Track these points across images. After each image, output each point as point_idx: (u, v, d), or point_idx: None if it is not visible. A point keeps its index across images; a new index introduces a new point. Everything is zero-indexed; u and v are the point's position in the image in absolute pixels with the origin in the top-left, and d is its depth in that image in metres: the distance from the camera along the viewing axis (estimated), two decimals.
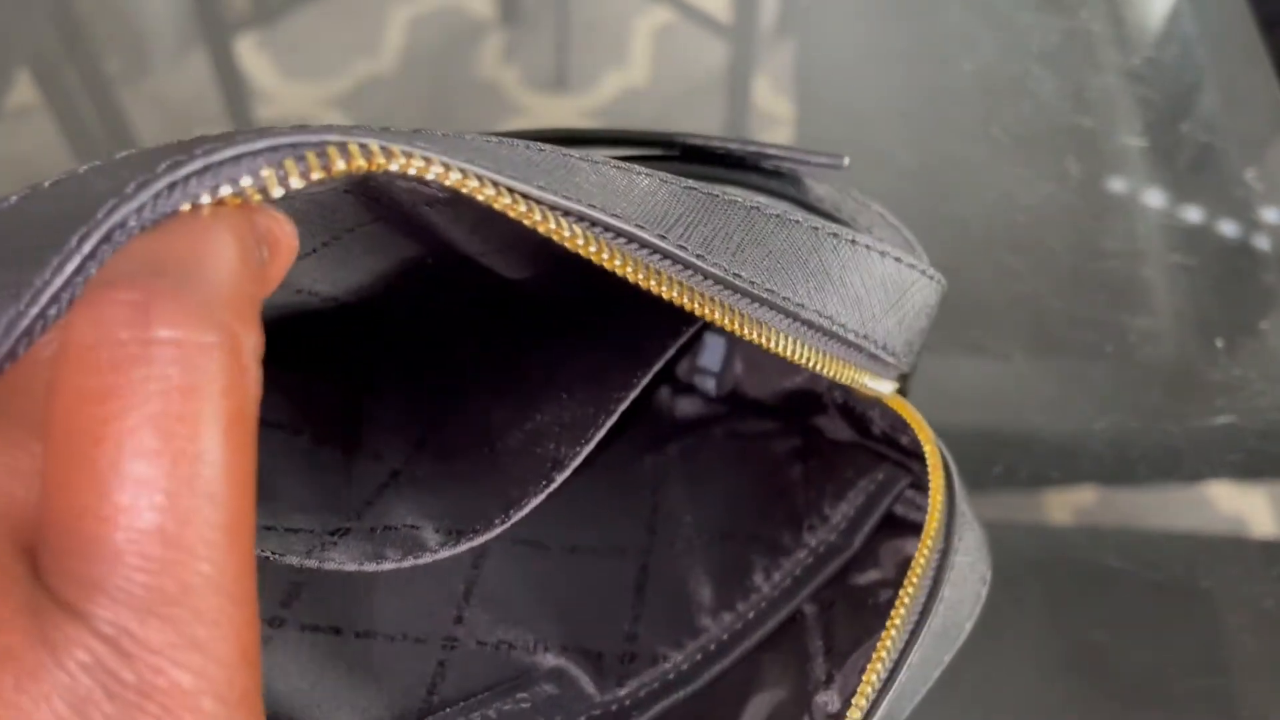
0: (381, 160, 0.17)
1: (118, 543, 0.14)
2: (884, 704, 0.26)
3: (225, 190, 0.16)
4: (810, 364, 0.25)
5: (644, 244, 0.22)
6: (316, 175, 0.17)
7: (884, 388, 0.28)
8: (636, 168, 0.23)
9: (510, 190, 0.20)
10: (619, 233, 0.21)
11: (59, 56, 0.63)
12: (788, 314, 0.24)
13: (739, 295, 0.23)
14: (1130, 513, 0.44)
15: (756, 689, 0.30)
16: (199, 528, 0.14)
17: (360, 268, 0.27)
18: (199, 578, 0.14)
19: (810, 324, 0.25)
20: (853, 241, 0.25)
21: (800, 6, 0.62)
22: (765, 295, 0.24)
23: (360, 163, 0.17)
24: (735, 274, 0.23)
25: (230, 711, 0.15)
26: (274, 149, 0.16)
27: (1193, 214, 0.52)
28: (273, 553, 0.25)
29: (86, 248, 0.15)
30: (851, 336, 0.25)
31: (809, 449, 0.37)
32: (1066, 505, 0.44)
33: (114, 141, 0.61)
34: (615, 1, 0.67)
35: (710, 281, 0.23)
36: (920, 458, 0.30)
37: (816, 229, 0.25)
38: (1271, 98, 0.56)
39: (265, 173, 0.16)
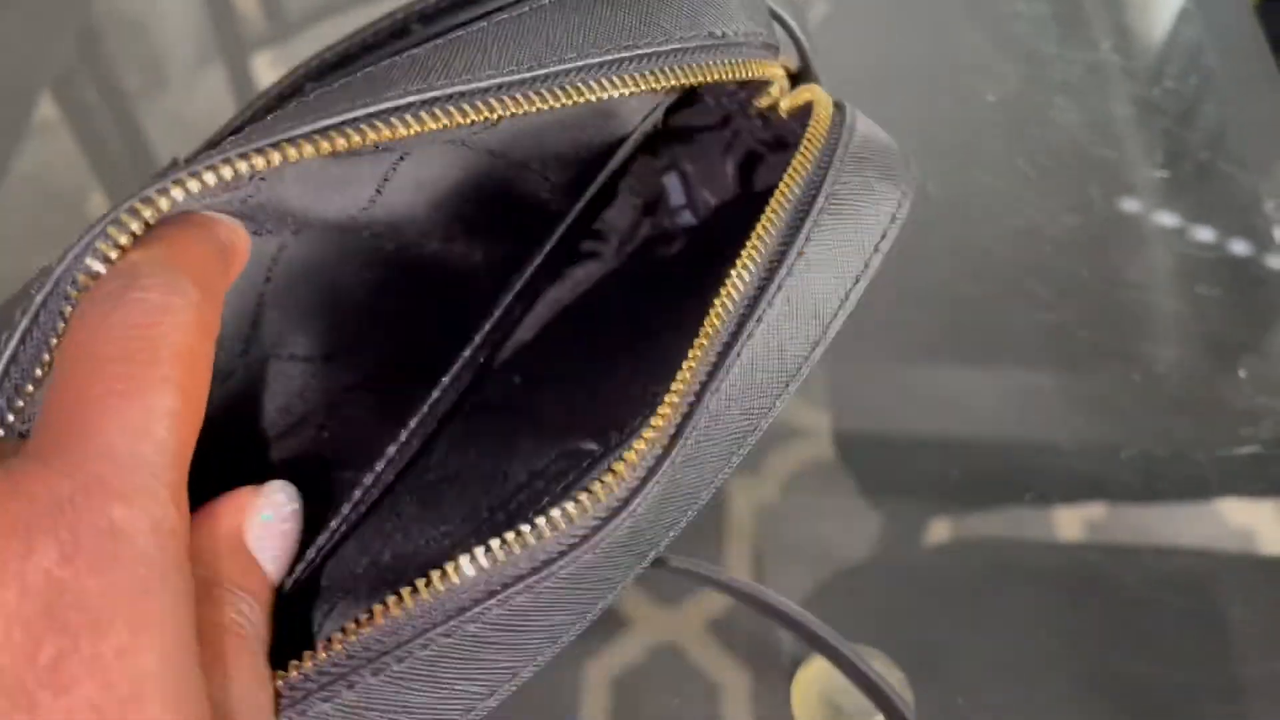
0: (177, 195, 0.22)
1: (96, 413, 0.19)
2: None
3: (70, 291, 0.21)
4: (716, 77, 0.27)
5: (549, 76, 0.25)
6: (136, 229, 0.22)
7: (775, 69, 0.29)
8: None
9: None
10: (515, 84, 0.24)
11: (80, 74, 0.63)
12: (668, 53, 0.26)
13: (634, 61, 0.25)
14: (1147, 531, 0.45)
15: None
16: (154, 412, 0.20)
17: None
18: (146, 440, 0.20)
19: (682, 48, 0.26)
20: None
21: (820, 39, 0.63)
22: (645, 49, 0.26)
23: (165, 204, 0.22)
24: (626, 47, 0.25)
25: (162, 537, 0.19)
26: (85, 246, 0.21)
27: (1215, 244, 0.53)
28: None
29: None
30: (720, 40, 0.27)
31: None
32: (1079, 521, 0.45)
33: (133, 157, 0.61)
34: None
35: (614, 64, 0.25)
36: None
37: None
38: None
39: (92, 263, 0.21)
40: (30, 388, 0.21)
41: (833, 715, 0.40)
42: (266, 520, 0.25)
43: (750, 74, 0.28)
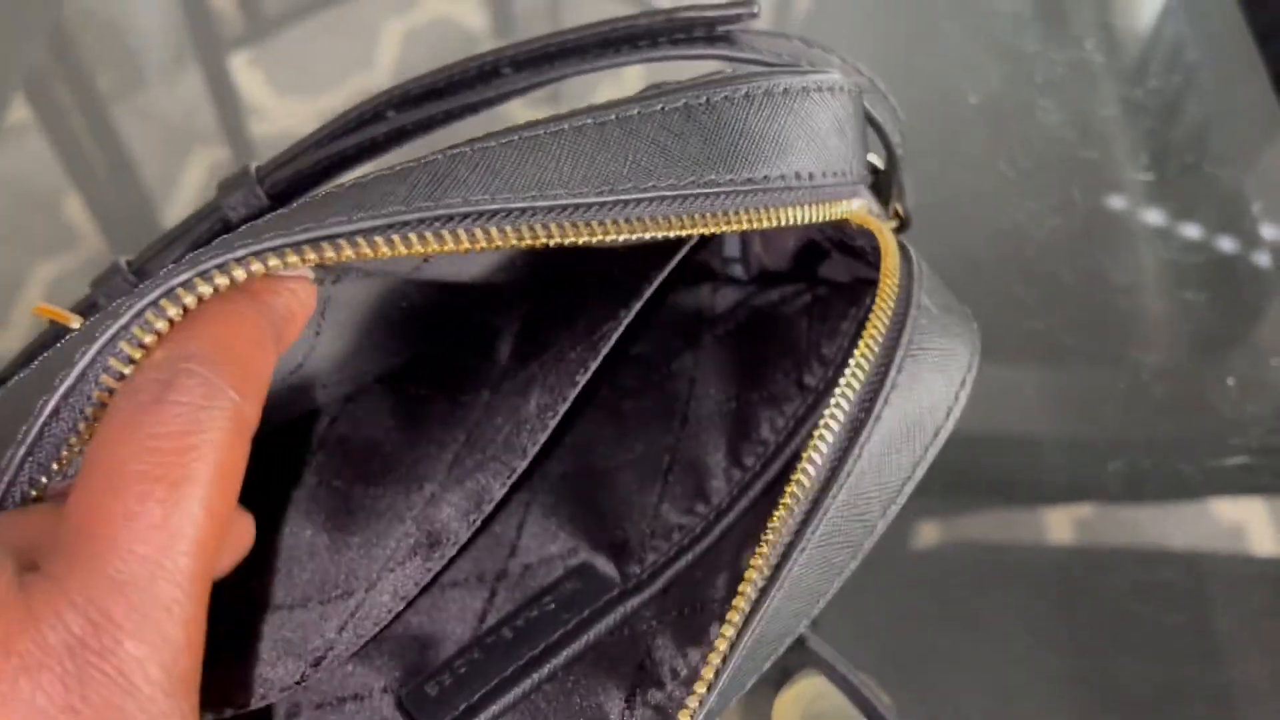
0: (221, 283, 0.21)
1: (116, 535, 0.18)
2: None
3: (123, 347, 0.20)
4: (791, 221, 0.25)
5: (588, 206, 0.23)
6: (174, 315, 0.20)
7: (854, 205, 0.27)
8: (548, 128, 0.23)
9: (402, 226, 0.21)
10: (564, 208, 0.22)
11: (52, 74, 0.62)
12: (742, 192, 0.24)
13: (676, 201, 0.24)
14: (1135, 533, 0.45)
15: (757, 534, 0.31)
16: (177, 539, 0.19)
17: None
18: (165, 573, 0.19)
19: (764, 189, 0.25)
20: (784, 91, 0.25)
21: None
22: (708, 189, 0.24)
23: (207, 291, 0.21)
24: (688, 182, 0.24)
25: (173, 684, 0.18)
26: (121, 327, 0.20)
27: (1200, 247, 0.53)
28: None
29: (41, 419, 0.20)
30: (806, 181, 0.25)
31: (815, 300, 0.37)
32: (1067, 523, 0.45)
33: (107, 158, 0.61)
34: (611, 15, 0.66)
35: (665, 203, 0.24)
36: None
37: (729, 97, 0.24)
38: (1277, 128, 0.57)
39: (139, 333, 0.20)
40: (55, 467, 0.21)
41: None
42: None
43: (829, 215, 0.26)
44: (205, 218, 0.29)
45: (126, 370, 0.20)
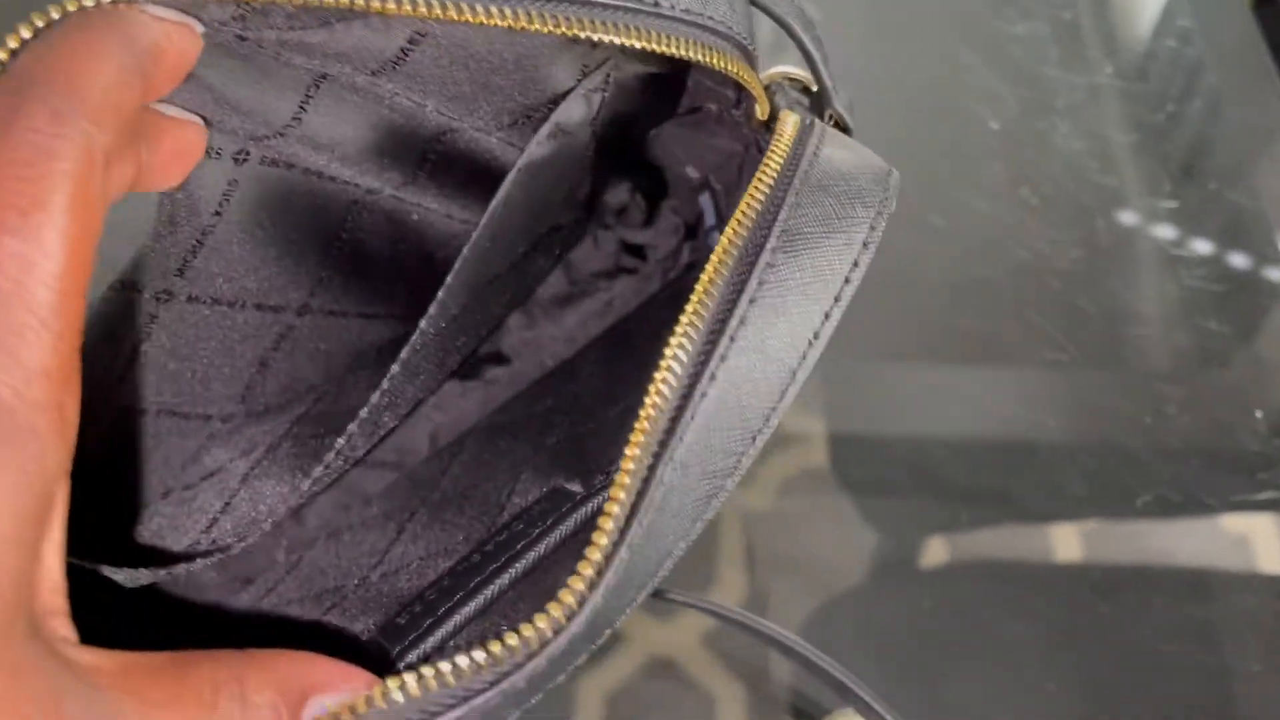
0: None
1: None
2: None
3: None
4: (698, 58, 0.26)
5: None
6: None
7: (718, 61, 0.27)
8: None
9: None
10: None
11: None
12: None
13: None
14: (1166, 566, 0.44)
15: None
16: (32, 268, 0.19)
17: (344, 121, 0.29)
18: (20, 301, 0.19)
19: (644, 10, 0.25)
20: None
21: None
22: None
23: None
24: None
25: (27, 408, 0.19)
26: None
27: (1225, 274, 0.52)
28: None
29: None
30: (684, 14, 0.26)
31: None
32: (1092, 552, 0.44)
33: None
34: None
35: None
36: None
37: None
38: None
39: None
40: None
41: None
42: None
43: (683, 53, 0.26)
44: None
45: None
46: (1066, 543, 0.44)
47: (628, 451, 0.25)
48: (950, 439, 0.47)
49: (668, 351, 0.25)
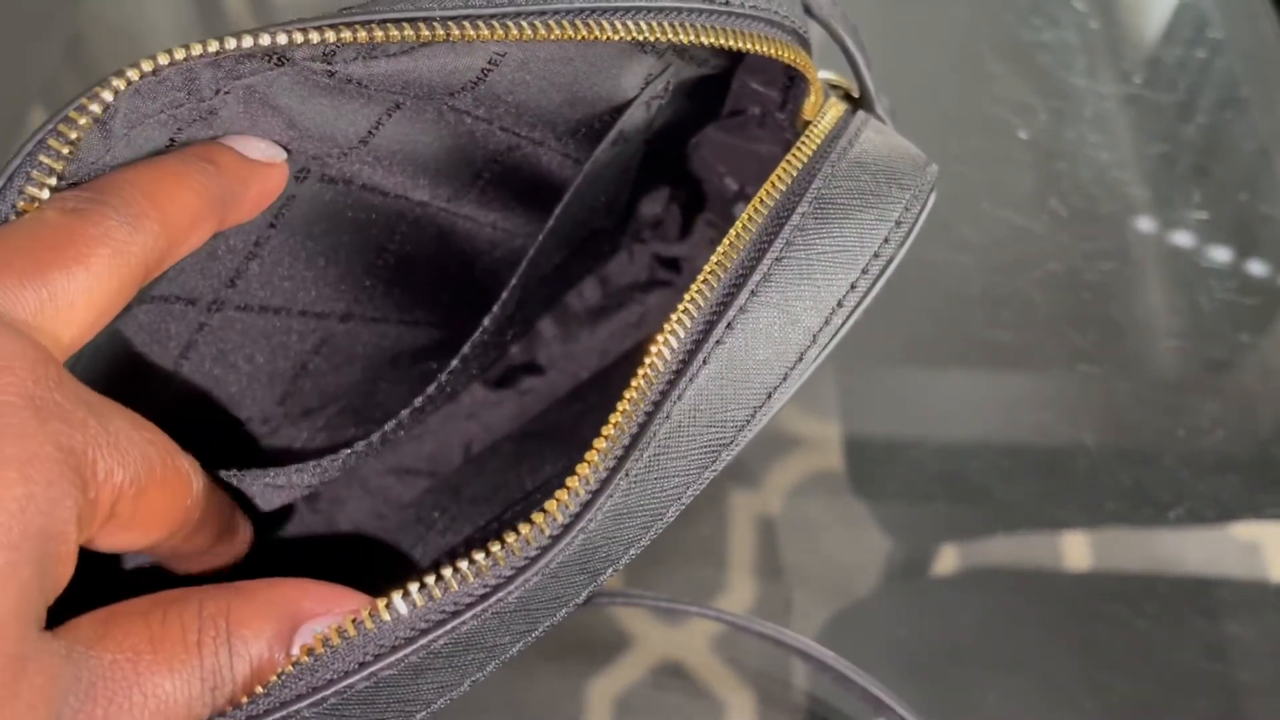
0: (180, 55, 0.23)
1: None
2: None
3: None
4: (752, 48, 0.27)
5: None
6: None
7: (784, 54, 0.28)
8: None
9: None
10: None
11: (67, 82, 0.62)
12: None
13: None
14: (1199, 588, 0.44)
15: None
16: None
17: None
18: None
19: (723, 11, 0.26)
20: None
21: None
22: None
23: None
24: None
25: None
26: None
27: (1257, 286, 0.52)
28: None
29: None
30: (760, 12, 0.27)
31: None
32: (1124, 569, 0.44)
33: None
34: None
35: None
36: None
37: None
38: None
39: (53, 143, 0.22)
40: None
41: None
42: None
43: (753, 47, 0.27)
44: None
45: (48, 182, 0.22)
46: (1098, 554, 0.44)
47: (634, 382, 0.25)
48: (978, 447, 0.47)
49: (687, 295, 0.25)
